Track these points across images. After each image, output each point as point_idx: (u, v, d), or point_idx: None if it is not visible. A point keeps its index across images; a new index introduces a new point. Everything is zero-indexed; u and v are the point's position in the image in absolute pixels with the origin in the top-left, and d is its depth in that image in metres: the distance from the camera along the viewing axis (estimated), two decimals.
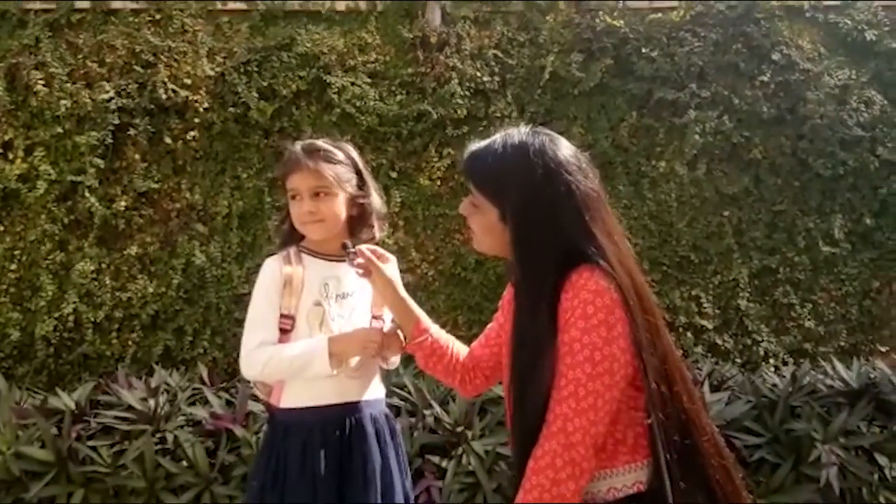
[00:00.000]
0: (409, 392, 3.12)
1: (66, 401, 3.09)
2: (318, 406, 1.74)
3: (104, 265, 3.67)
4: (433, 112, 3.79)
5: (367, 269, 1.67)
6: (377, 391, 1.86)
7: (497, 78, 3.88)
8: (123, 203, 3.67)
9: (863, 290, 3.93)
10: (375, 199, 1.86)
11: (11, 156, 3.67)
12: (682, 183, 3.89)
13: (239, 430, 2.88)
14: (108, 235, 3.71)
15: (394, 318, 1.72)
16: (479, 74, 3.85)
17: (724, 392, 3.23)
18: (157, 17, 3.83)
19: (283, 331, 1.75)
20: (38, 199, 3.63)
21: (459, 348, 1.67)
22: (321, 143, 1.82)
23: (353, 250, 1.70)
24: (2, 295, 3.62)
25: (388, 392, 2.00)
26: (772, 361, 3.83)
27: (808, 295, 3.91)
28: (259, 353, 1.72)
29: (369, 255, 1.68)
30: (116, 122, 3.66)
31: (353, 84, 3.80)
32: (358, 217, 1.84)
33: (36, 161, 3.65)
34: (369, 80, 3.83)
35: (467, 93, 3.83)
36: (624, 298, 1.24)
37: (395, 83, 3.86)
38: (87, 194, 3.64)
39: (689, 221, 3.89)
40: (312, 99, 3.83)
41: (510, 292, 1.51)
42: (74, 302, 3.60)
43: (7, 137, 3.67)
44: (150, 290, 3.66)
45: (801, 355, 3.85)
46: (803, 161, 3.92)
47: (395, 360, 1.84)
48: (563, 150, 1.33)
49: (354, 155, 1.85)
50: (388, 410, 1.89)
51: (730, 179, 3.92)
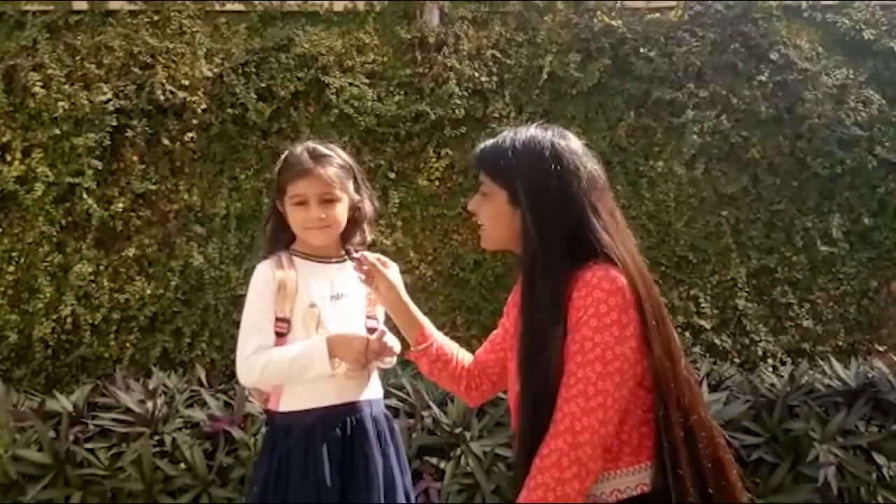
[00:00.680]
0: (408, 393, 3.11)
1: (63, 403, 3.09)
2: (319, 407, 1.74)
3: (102, 267, 3.67)
4: (431, 112, 3.79)
5: (371, 275, 1.67)
6: (376, 391, 1.85)
7: (495, 78, 3.87)
8: (121, 204, 3.67)
9: (861, 289, 3.93)
10: (367, 203, 1.87)
11: (9, 158, 3.66)
12: (680, 183, 3.89)
13: (237, 432, 2.88)
14: (105, 237, 3.70)
15: (387, 321, 1.72)
16: (477, 75, 3.85)
17: (723, 392, 3.23)
18: (155, 18, 3.83)
19: (279, 334, 1.74)
20: (36, 200, 3.62)
21: (464, 355, 1.66)
22: (323, 147, 1.81)
23: (356, 256, 1.70)
24: None
25: (386, 393, 1.99)
26: (770, 361, 3.83)
27: (807, 294, 3.91)
28: (256, 358, 1.71)
29: (373, 260, 1.68)
30: (114, 123, 3.66)
31: (351, 85, 3.79)
32: (352, 221, 1.84)
33: (33, 163, 3.64)
34: (367, 81, 3.83)
35: (465, 93, 3.83)
36: (637, 297, 1.25)
37: (393, 84, 3.86)
38: (85, 196, 3.63)
39: (688, 221, 3.89)
40: (310, 100, 3.83)
41: (515, 295, 1.50)
42: (72, 304, 3.59)
43: (5, 139, 3.67)
44: (148, 291, 3.65)
45: (799, 355, 3.84)
46: (801, 160, 3.92)
47: (390, 360, 1.84)
48: (571, 139, 1.39)
49: (349, 158, 1.86)
50: (386, 411, 1.89)
51: (728, 179, 3.92)
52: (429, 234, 3.85)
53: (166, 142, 3.72)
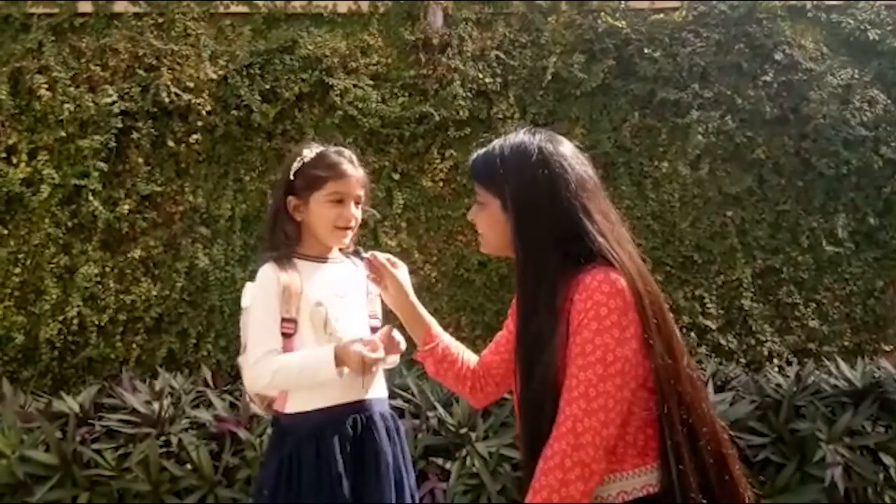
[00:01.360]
0: (413, 394, 3.11)
1: (70, 404, 3.10)
2: (326, 406, 1.74)
3: (108, 268, 3.68)
4: (435, 114, 3.79)
5: (380, 275, 1.67)
6: (381, 390, 1.86)
7: (499, 79, 3.88)
8: (127, 206, 3.68)
9: (867, 289, 3.92)
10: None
11: (15, 160, 3.68)
12: (684, 183, 3.88)
13: (243, 433, 2.88)
14: (111, 239, 3.71)
15: (392, 324, 1.72)
16: (481, 76, 3.85)
17: (729, 392, 3.22)
18: (160, 20, 3.84)
19: (286, 335, 1.74)
20: (42, 203, 3.64)
21: (469, 356, 1.66)
22: (346, 150, 1.85)
23: (366, 256, 1.70)
24: (6, 299, 3.63)
25: (391, 394, 1.99)
26: (776, 361, 3.82)
27: (812, 294, 3.91)
28: (267, 363, 1.70)
29: (382, 260, 1.68)
30: (119, 125, 3.67)
31: (355, 86, 3.80)
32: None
33: (39, 165, 3.66)
34: (371, 83, 3.83)
35: (469, 94, 3.84)
36: (637, 297, 1.25)
37: (397, 85, 3.86)
38: (91, 198, 3.65)
39: (693, 221, 3.88)
40: (315, 101, 3.84)
41: None
42: (78, 305, 3.61)
43: (11, 142, 3.68)
44: (154, 293, 3.66)
45: (805, 355, 3.83)
46: (806, 161, 3.92)
47: (393, 360, 1.84)
48: (560, 143, 1.38)
49: None
50: (391, 410, 1.89)
51: (733, 179, 3.91)
52: (433, 235, 3.85)
53: (171, 144, 3.73)
